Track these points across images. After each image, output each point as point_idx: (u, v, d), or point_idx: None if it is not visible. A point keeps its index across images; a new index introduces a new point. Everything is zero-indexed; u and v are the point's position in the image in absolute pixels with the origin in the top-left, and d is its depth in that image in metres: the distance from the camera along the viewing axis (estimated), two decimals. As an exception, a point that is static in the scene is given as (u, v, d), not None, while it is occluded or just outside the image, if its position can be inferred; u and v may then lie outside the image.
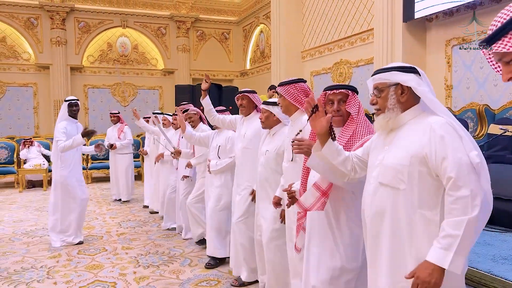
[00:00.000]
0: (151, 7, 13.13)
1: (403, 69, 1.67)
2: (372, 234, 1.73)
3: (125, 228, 5.48)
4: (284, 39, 9.89)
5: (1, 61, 12.03)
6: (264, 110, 3.07)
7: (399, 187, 1.61)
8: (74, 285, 3.52)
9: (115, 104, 13.08)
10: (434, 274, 1.45)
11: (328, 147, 1.83)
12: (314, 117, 1.81)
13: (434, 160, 1.54)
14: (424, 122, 1.61)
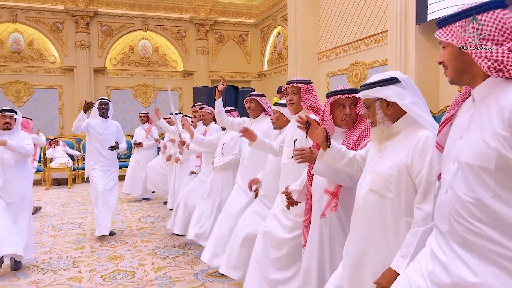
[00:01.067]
0: (171, 11, 13.47)
1: (384, 82, 1.74)
2: (359, 234, 1.82)
3: (145, 223, 5.75)
4: (300, 40, 10.05)
5: (29, 64, 12.57)
6: (275, 111, 3.25)
7: (387, 196, 1.72)
8: (97, 274, 3.79)
9: (137, 105, 13.47)
10: (392, 279, 1.57)
11: (329, 153, 1.98)
12: (310, 131, 1.99)
13: (412, 171, 1.67)
14: (414, 134, 1.71)
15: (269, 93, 13.23)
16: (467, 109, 1.41)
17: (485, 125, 1.26)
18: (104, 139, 5.01)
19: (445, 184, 1.37)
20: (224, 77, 4.08)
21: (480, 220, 1.24)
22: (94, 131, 4.99)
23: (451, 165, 1.36)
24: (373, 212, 1.76)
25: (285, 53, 12.28)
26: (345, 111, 2.31)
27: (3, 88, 12.36)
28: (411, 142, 1.69)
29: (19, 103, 12.43)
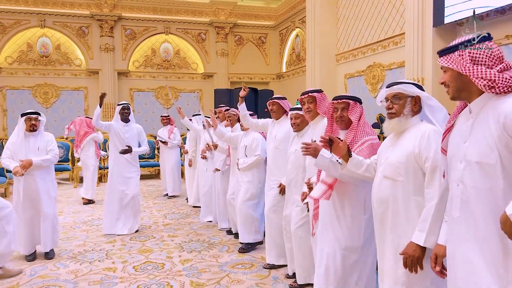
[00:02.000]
0: (192, 14, 13.81)
1: (418, 86, 2.15)
2: (378, 217, 2.18)
3: (170, 219, 6.05)
4: (318, 42, 10.22)
5: (56, 67, 13.07)
6: (298, 115, 3.45)
7: (397, 179, 2.07)
8: (129, 265, 4.08)
9: (158, 107, 13.86)
10: (416, 250, 1.94)
11: (351, 163, 2.30)
12: (334, 147, 2.28)
13: (420, 158, 2.01)
14: (420, 129, 2.07)
15: (287, 94, 13.44)
16: (464, 119, 1.71)
17: (485, 130, 1.57)
18: (125, 142, 5.21)
19: (455, 180, 1.66)
20: (246, 84, 4.33)
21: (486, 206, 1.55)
22: (115, 134, 5.21)
23: (458, 164, 1.65)
24: (387, 194, 2.10)
25: (303, 55, 12.47)
26: (338, 113, 2.64)
27: (32, 90, 12.89)
28: (418, 135, 2.04)
29: (46, 105, 12.95)
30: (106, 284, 3.60)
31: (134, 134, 5.33)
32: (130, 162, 5.28)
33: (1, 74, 12.56)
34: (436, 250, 1.83)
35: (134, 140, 5.32)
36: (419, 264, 1.93)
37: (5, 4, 12.20)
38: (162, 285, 3.56)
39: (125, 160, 5.23)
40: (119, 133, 5.20)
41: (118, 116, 5.28)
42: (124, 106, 5.30)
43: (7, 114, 12.71)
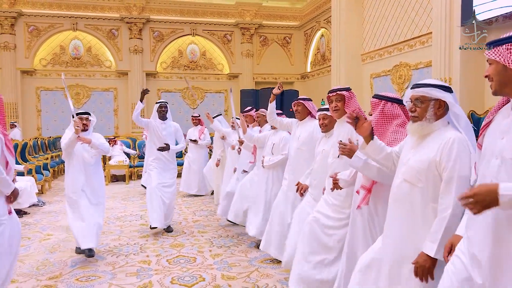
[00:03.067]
0: (218, 16, 14.05)
1: (444, 88, 2.08)
2: (392, 216, 2.19)
3: (199, 216, 6.24)
4: (344, 42, 10.24)
5: (87, 69, 13.54)
6: (326, 116, 3.52)
7: (417, 185, 2.05)
8: (162, 258, 4.28)
9: (185, 107, 14.15)
10: (427, 260, 1.94)
11: (372, 145, 2.33)
12: (358, 125, 2.33)
13: (440, 166, 1.99)
14: (445, 135, 2.02)
15: (312, 94, 13.49)
16: (504, 115, 1.69)
17: None
18: (162, 139, 5.28)
19: (489, 175, 1.63)
20: (282, 84, 4.42)
21: None
22: (153, 131, 5.34)
23: (493, 160, 1.63)
24: (405, 198, 2.09)
25: (328, 54, 12.50)
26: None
27: (64, 91, 13.35)
28: (441, 142, 2.00)
29: (78, 105, 13.40)
30: (142, 275, 3.80)
31: (171, 132, 5.42)
32: (168, 160, 5.39)
33: (36, 76, 13.11)
34: (452, 240, 1.83)
35: (171, 138, 5.40)
36: (430, 274, 1.93)
37: (40, 9, 12.72)
38: (195, 277, 3.73)
39: (163, 158, 5.34)
40: (157, 130, 5.31)
41: (156, 114, 5.37)
42: (162, 104, 5.40)
43: (41, 114, 13.25)
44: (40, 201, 6.98)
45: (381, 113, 2.55)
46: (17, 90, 12.67)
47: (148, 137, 5.48)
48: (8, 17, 12.35)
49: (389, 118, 2.55)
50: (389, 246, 2.17)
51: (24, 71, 12.90)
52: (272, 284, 3.56)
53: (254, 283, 3.58)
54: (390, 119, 2.55)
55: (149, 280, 3.67)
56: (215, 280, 3.65)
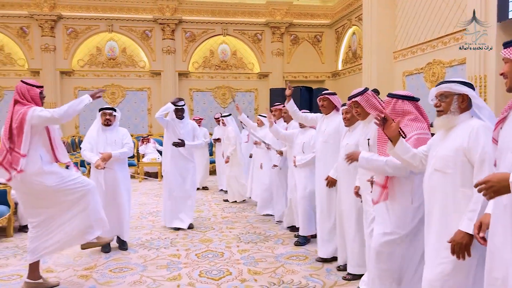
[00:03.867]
0: (248, 15, 14.15)
1: (467, 84, 2.23)
2: (428, 207, 2.31)
3: (228, 213, 6.36)
4: (376, 40, 10.12)
5: (122, 69, 13.95)
6: (348, 110, 3.57)
7: (447, 172, 2.17)
8: (191, 252, 4.41)
9: (216, 106, 14.34)
10: (464, 237, 2.02)
11: (400, 145, 2.41)
12: (386, 126, 2.41)
13: (469, 152, 2.10)
14: (469, 124, 2.17)
15: (343, 92, 13.38)
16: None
17: None
18: (180, 137, 5.38)
19: (505, 170, 1.70)
20: (290, 85, 4.52)
21: None
22: (172, 130, 5.42)
23: (509, 154, 1.72)
24: (437, 187, 2.22)
25: (360, 52, 12.36)
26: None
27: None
28: (467, 130, 2.13)
29: (113, 104, 13.81)
30: (171, 268, 3.94)
31: (189, 130, 5.51)
32: (186, 157, 5.44)
33: (74, 76, 13.63)
34: (482, 218, 1.88)
35: (189, 136, 5.48)
36: (467, 251, 2.01)
37: (78, 11, 13.22)
38: (222, 271, 3.83)
39: (181, 155, 5.40)
40: (175, 129, 5.40)
41: (173, 114, 5.45)
42: (179, 109, 5.43)
43: (78, 113, 13.74)
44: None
45: (392, 110, 2.69)
46: (57, 90, 13.23)
47: (166, 136, 5.57)
48: (48, 20, 12.90)
49: (399, 115, 2.67)
50: (431, 236, 2.26)
51: (63, 72, 13.44)
52: (298, 280, 3.61)
53: (279, 278, 3.64)
54: (401, 115, 2.67)
55: (178, 273, 3.80)
56: (242, 275, 3.74)
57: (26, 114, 3.17)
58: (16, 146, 3.17)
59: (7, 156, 3.17)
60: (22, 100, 3.25)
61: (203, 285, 3.53)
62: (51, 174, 3.27)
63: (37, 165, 3.20)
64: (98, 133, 4.51)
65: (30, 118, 3.16)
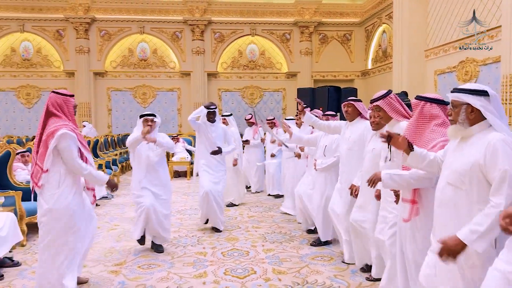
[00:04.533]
0: (277, 15, 14.17)
1: (475, 92, 2.07)
2: (439, 219, 2.20)
3: (254, 212, 6.41)
4: (407, 38, 9.93)
5: (153, 70, 14.26)
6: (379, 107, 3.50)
7: (461, 187, 2.07)
8: (217, 250, 4.48)
9: (244, 106, 14.45)
10: (459, 246, 1.94)
11: (412, 157, 2.34)
12: (393, 142, 2.37)
13: (485, 169, 1.98)
14: (485, 138, 2.02)
15: (373, 91, 13.17)
16: None
17: None
18: (212, 141, 5.39)
19: None
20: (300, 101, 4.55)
21: None
22: (203, 133, 5.41)
23: None
24: (450, 201, 2.11)
25: (390, 51, 12.16)
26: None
27: (132, 91, 14.20)
28: (483, 145, 2.00)
29: (144, 105, 14.19)
30: (198, 265, 4.02)
31: (220, 134, 5.53)
32: (218, 161, 5.48)
33: (107, 77, 14.04)
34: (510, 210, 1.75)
35: (220, 140, 5.50)
36: (454, 259, 1.96)
37: (111, 14, 13.60)
38: (247, 270, 3.88)
39: (214, 160, 5.43)
40: (206, 133, 5.40)
41: (205, 117, 5.44)
42: (210, 112, 5.43)
43: (111, 113, 14.17)
44: (109, 194, 7.52)
45: (419, 114, 2.58)
46: (90, 91, 13.66)
47: (198, 139, 5.57)
48: (83, 23, 13.34)
49: (427, 118, 2.56)
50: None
51: (96, 73, 13.87)
52: (322, 280, 3.61)
53: (303, 278, 3.65)
54: (428, 119, 2.56)
55: (204, 271, 3.88)
56: (266, 274, 3.77)
57: (56, 131, 3.09)
58: (39, 160, 3.12)
59: (34, 168, 3.14)
60: (57, 112, 3.20)
61: (228, 283, 3.59)
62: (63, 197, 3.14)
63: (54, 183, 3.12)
64: None
65: (58, 138, 3.07)
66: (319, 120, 4.45)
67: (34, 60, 13.74)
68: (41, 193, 3.14)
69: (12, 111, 13.73)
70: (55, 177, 3.13)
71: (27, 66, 13.70)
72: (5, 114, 13.70)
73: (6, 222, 3.91)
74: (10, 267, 3.98)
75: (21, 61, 13.66)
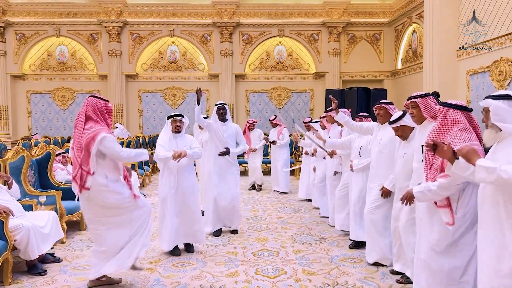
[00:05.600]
0: (305, 16, 14.16)
1: (496, 96, 2.25)
2: (482, 218, 2.34)
3: (283, 213, 6.48)
4: (438, 37, 9.75)
5: (182, 72, 14.52)
6: (395, 128, 3.54)
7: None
8: (248, 250, 4.57)
9: (271, 107, 14.51)
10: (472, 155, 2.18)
11: (457, 165, 2.39)
12: (438, 151, 2.43)
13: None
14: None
15: (403, 92, 13.00)
16: None
17: None
18: (223, 141, 5.21)
19: None
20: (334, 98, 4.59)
21: None
22: (214, 133, 5.22)
23: None
24: (489, 199, 2.24)
25: (421, 50, 11.96)
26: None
27: (163, 93, 14.49)
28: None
29: (174, 106, 14.45)
30: (229, 265, 4.12)
31: (232, 134, 5.33)
32: (229, 162, 5.28)
33: (138, 79, 14.38)
34: None
35: (232, 140, 5.31)
36: None
37: (142, 18, 13.94)
38: (277, 270, 3.95)
39: (225, 160, 5.23)
40: (218, 132, 5.22)
41: (216, 116, 5.31)
42: (220, 106, 5.31)
43: (142, 114, 14.51)
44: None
45: (443, 119, 2.70)
46: (122, 93, 14.03)
47: (210, 139, 5.36)
48: (115, 27, 13.72)
49: (450, 124, 2.67)
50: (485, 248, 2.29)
51: (128, 75, 14.23)
52: (352, 282, 3.64)
53: (334, 280, 3.69)
54: (451, 124, 2.66)
55: (236, 270, 3.97)
56: (296, 274, 3.83)
57: (97, 135, 3.28)
58: (83, 164, 3.30)
59: (79, 171, 3.31)
60: (95, 117, 3.37)
61: (259, 282, 3.67)
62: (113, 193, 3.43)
63: (102, 183, 3.37)
64: (169, 140, 4.52)
65: (99, 142, 3.29)
66: (351, 120, 4.49)
67: (69, 63, 14.22)
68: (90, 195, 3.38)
69: (48, 113, 14.26)
70: (101, 178, 3.36)
71: (62, 69, 14.19)
72: (41, 116, 14.25)
73: (49, 220, 4.13)
74: (52, 263, 4.19)
75: (57, 65, 14.17)
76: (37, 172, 5.36)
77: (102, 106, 3.44)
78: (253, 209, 6.76)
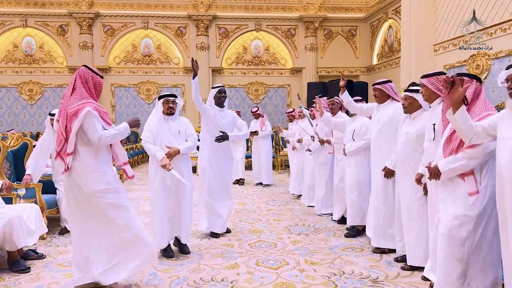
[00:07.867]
0: (282, 10, 14.09)
1: None
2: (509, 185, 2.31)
3: (272, 206, 6.34)
4: (415, 32, 9.87)
5: (157, 66, 14.13)
6: (407, 96, 3.49)
7: None
8: (244, 242, 4.40)
9: (249, 102, 14.36)
10: None
11: (461, 111, 2.42)
12: (452, 90, 2.40)
13: None
14: None
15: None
16: None
17: None
18: (221, 129, 4.62)
19: None
20: (343, 73, 4.48)
21: None
22: (211, 120, 4.63)
23: None
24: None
25: (397, 46, 12.12)
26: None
27: (136, 87, 14.06)
28: None
29: (148, 101, 14.12)
30: (227, 257, 3.93)
31: (230, 121, 4.81)
32: (225, 151, 4.77)
33: (110, 73, 13.89)
34: None
35: (230, 127, 4.80)
36: None
37: (115, 9, 13.46)
38: (279, 261, 3.80)
39: (221, 149, 4.70)
40: (215, 118, 4.61)
41: (213, 101, 4.70)
42: (221, 89, 4.72)
43: (115, 109, 14.03)
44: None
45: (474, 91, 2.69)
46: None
47: (204, 127, 4.73)
48: (86, 18, 13.19)
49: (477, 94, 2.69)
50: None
51: (100, 69, 13.64)
52: (358, 271, 3.54)
53: (339, 269, 3.58)
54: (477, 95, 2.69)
55: (235, 262, 3.80)
56: (299, 265, 3.70)
57: (80, 111, 2.94)
58: (66, 141, 2.98)
59: (64, 146, 2.98)
60: (81, 88, 3.02)
61: (263, 273, 3.51)
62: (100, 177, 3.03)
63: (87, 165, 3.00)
64: (160, 123, 3.96)
65: (82, 117, 2.93)
66: (353, 101, 4.43)
67: (36, 56, 13.57)
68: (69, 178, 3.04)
69: (14, 108, 13.56)
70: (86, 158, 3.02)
71: (29, 62, 13.53)
72: (7, 111, 13.53)
73: (31, 214, 3.81)
74: (35, 260, 3.88)
75: (24, 57, 13.49)
76: (13, 164, 4.98)
77: (90, 77, 3.06)
78: (240, 202, 6.59)
